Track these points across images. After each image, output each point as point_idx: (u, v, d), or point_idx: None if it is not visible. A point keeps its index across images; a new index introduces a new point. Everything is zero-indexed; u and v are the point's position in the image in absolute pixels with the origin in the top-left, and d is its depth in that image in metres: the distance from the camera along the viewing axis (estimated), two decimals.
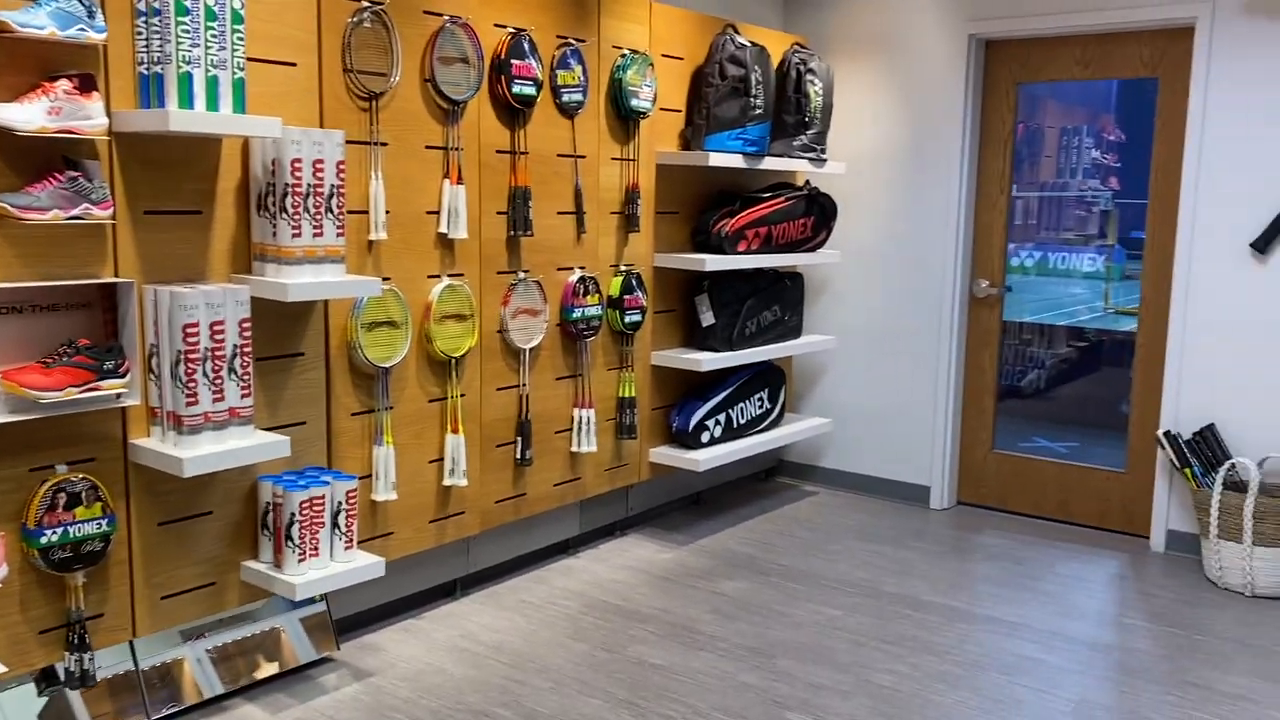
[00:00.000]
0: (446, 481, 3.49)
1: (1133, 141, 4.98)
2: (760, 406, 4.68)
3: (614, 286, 4.04)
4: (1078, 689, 3.13)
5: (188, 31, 2.49)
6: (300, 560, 2.90)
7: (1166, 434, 4.19)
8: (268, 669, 3.02)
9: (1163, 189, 4.37)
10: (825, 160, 4.68)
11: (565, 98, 3.75)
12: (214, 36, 2.54)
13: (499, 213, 3.60)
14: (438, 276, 3.42)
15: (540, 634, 3.43)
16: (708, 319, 4.36)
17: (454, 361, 3.48)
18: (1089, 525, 4.67)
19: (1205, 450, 4.13)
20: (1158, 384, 4.43)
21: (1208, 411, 4.21)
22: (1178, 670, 3.26)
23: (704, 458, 4.26)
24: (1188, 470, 4.09)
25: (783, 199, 4.50)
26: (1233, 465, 4.00)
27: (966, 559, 4.23)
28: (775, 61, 4.53)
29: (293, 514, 2.86)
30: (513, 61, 3.50)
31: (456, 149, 3.41)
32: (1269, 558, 3.84)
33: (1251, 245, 4.06)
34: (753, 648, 3.37)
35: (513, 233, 3.63)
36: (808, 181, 4.75)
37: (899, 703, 3.04)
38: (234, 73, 2.60)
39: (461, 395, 3.53)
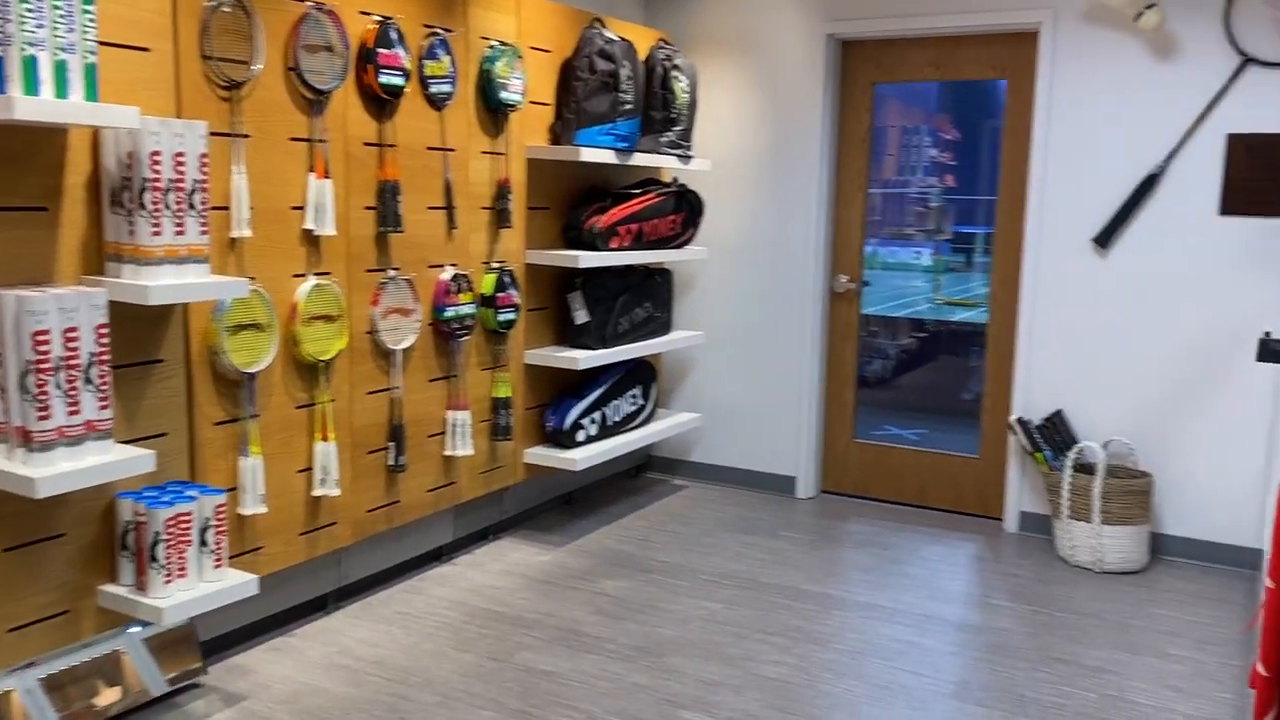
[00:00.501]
0: (317, 491, 3.32)
1: (967, 140, 5.21)
2: (634, 404, 4.67)
3: (487, 284, 3.94)
4: (955, 671, 3.24)
5: (32, 10, 2.27)
6: (166, 582, 2.70)
7: (1019, 420, 4.40)
8: (116, 698, 2.80)
9: (1011, 186, 4.58)
10: (691, 157, 4.69)
11: (434, 89, 3.62)
12: (61, 17, 2.33)
13: (367, 208, 3.45)
14: (304, 276, 3.25)
15: (422, 646, 3.31)
16: (581, 316, 4.31)
17: (323, 365, 3.31)
18: (946, 509, 4.86)
19: (1055, 435, 4.35)
20: (1008, 373, 4.64)
21: (1056, 398, 4.44)
22: (1043, 647, 3.42)
23: (581, 457, 4.21)
24: (1039, 455, 4.30)
25: (653, 195, 4.49)
26: (1081, 449, 4.22)
27: (837, 547, 4.32)
28: (642, 57, 4.51)
29: (157, 533, 2.66)
30: (380, 50, 3.36)
31: (322, 141, 3.25)
32: (1116, 535, 4.07)
33: (1094, 240, 4.29)
34: (641, 647, 3.35)
35: (382, 229, 3.49)
36: (675, 178, 4.75)
37: (790, 694, 3.07)
38: (84, 57, 2.38)
39: (331, 400, 3.36)
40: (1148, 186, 4.18)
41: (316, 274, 3.28)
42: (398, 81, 3.43)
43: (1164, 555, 4.30)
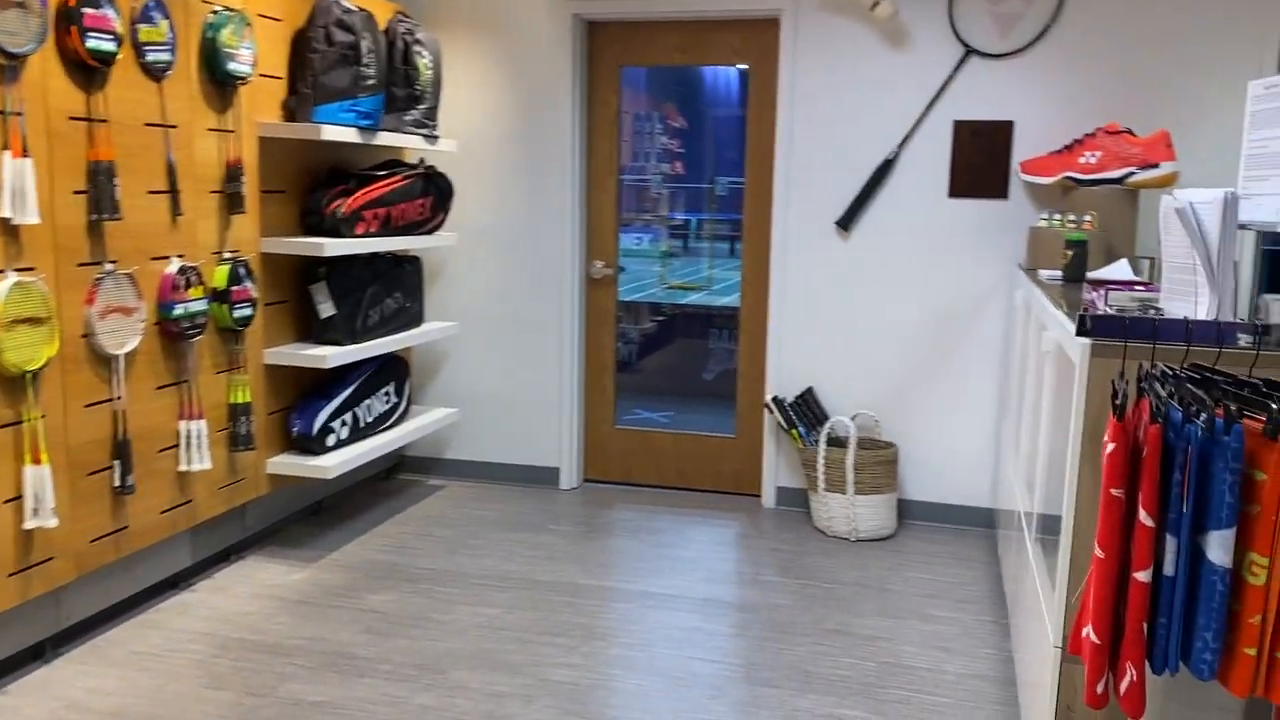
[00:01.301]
0: (29, 524, 2.84)
1: (709, 127, 5.28)
2: (387, 401, 4.37)
3: (219, 277, 3.53)
4: (742, 653, 3.24)
5: None
6: None
7: (774, 399, 4.50)
8: None
9: (758, 172, 4.67)
10: (438, 137, 4.45)
11: (150, 57, 3.18)
12: None
13: (77, 192, 2.98)
14: (2, 272, 2.75)
15: (169, 689, 2.92)
16: (327, 310, 3.97)
17: (30, 376, 2.83)
18: (706, 490, 4.91)
19: (807, 412, 4.49)
20: (762, 353, 4.75)
21: (807, 376, 4.58)
22: (818, 620, 3.49)
23: (333, 463, 3.89)
24: (795, 431, 4.42)
25: (400, 177, 4.21)
26: (832, 424, 4.37)
27: (607, 537, 4.25)
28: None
29: None
30: (85, 10, 2.90)
31: (18, 114, 2.76)
32: (869, 505, 4.25)
33: (837, 223, 4.45)
34: (419, 664, 3.12)
35: (95, 216, 3.03)
36: (422, 160, 4.49)
37: (583, 697, 2.95)
38: None
39: (42, 416, 2.88)
40: (884, 171, 4.38)
41: (17, 270, 2.79)
42: (108, 47, 2.98)
43: (909, 520, 4.55)
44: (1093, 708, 1.65)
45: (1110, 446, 1.59)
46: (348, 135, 3.83)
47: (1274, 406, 1.47)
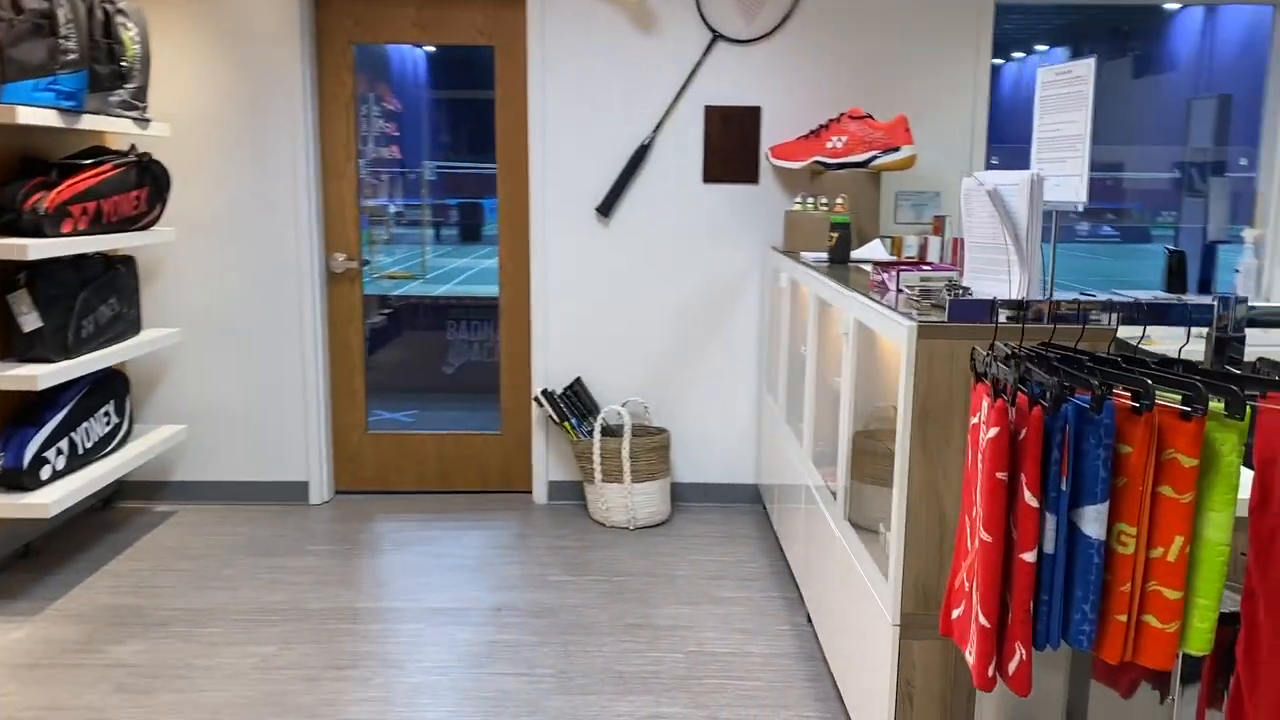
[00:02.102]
0: None
1: (410, 110, 5.03)
2: (107, 423, 3.83)
3: None
4: (550, 661, 3.10)
5: None
6: None
7: (544, 392, 4.37)
8: None
9: (511, 156, 4.49)
10: (149, 120, 3.93)
11: None
12: None
13: None
14: None
15: None
16: (32, 322, 3.40)
17: None
18: (473, 490, 4.71)
19: (578, 403, 4.39)
20: (525, 345, 4.59)
21: (574, 366, 4.48)
22: (618, 616, 3.42)
23: (52, 498, 3.35)
24: (567, 424, 4.32)
25: (110, 167, 3.68)
26: (604, 414, 4.31)
27: (376, 552, 3.96)
28: None
29: None
30: None
31: None
32: (646, 492, 4.23)
33: (597, 209, 4.37)
34: None
35: None
36: (133, 146, 3.95)
37: None
38: None
39: None
40: (640, 156, 4.34)
41: None
42: None
43: (681, 503, 4.57)
44: (983, 690, 1.66)
45: (993, 431, 1.60)
46: (47, 118, 3.29)
47: (1148, 381, 1.53)
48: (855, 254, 3.75)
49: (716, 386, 4.50)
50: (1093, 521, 1.60)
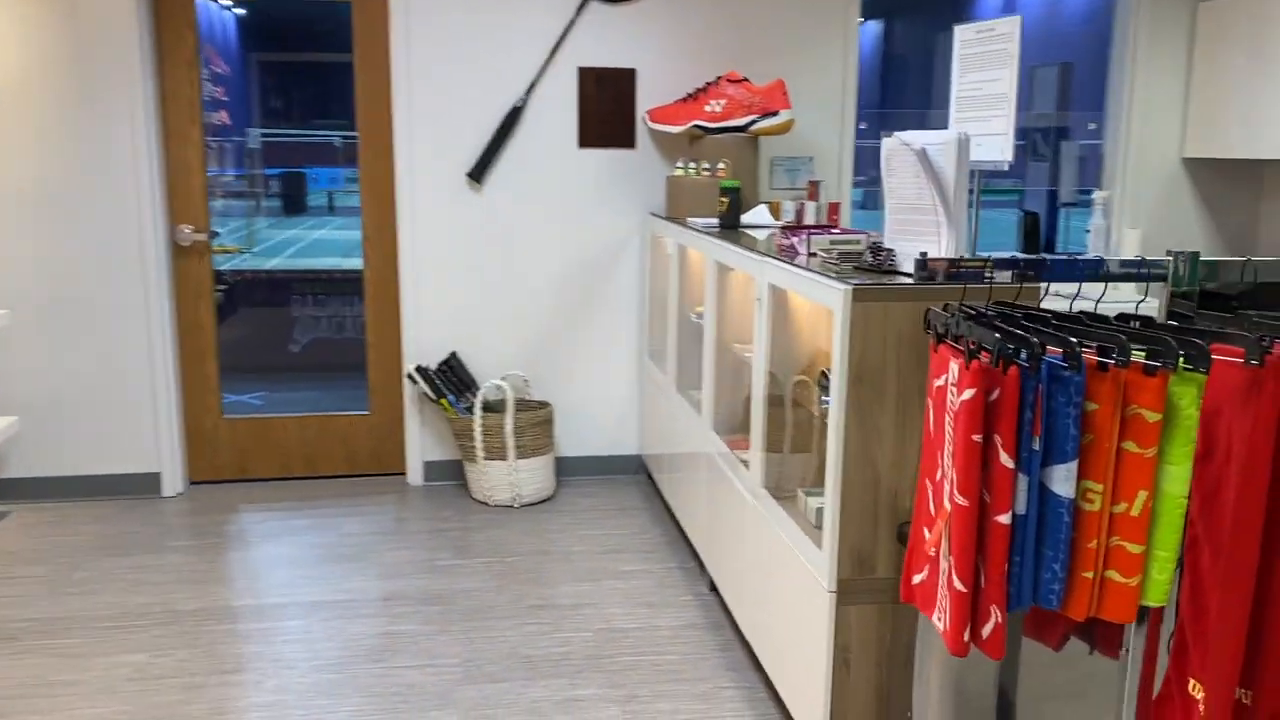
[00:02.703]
0: None
1: (238, 74, 4.72)
2: None
3: None
4: (453, 650, 2.96)
5: None
6: None
7: (418, 368, 4.17)
8: None
9: (373, 120, 4.24)
10: None
11: None
12: None
13: None
14: None
15: None
16: None
17: None
18: (341, 475, 4.47)
19: (454, 379, 4.22)
20: (395, 319, 4.37)
21: (449, 341, 4.29)
22: (517, 598, 3.30)
23: None
24: (444, 401, 4.14)
25: None
26: (484, 389, 4.15)
27: (245, 545, 3.70)
28: None
29: None
30: None
31: None
32: (530, 468, 4.10)
33: (468, 175, 4.18)
34: None
35: None
36: None
37: None
38: None
39: None
40: (513, 120, 4.18)
41: None
42: None
43: (564, 477, 4.47)
44: (958, 655, 1.65)
45: (968, 393, 1.57)
46: None
47: (1123, 337, 1.52)
48: (745, 218, 3.72)
49: (598, 357, 4.40)
50: (1063, 480, 1.60)
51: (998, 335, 1.52)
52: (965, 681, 2.07)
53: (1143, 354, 1.56)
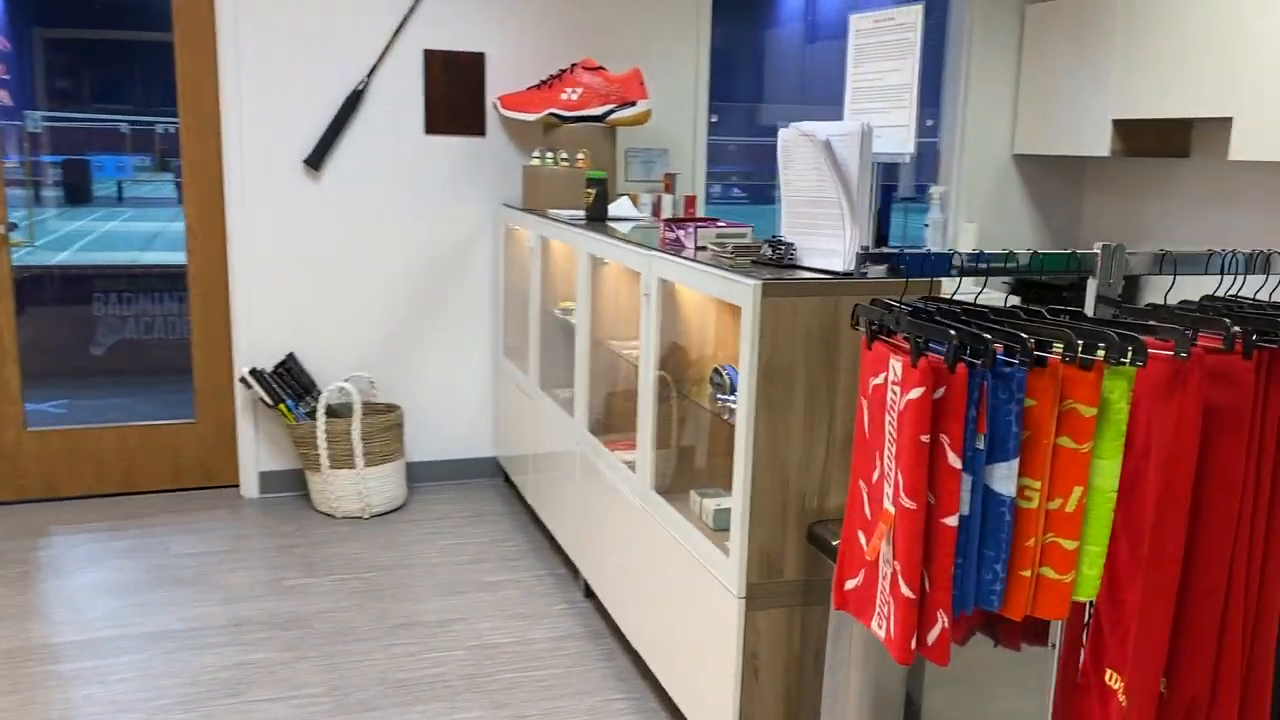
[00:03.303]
0: None
1: (21, 51, 4.27)
2: None
3: None
4: (316, 678, 2.72)
5: None
6: None
7: (253, 371, 3.86)
8: None
9: (198, 104, 3.88)
10: None
11: None
12: None
13: None
14: None
15: None
16: None
17: None
18: (164, 490, 4.09)
19: (292, 382, 3.92)
20: (224, 318, 4.02)
21: (285, 341, 3.99)
22: (380, 616, 3.08)
23: None
24: (283, 406, 3.84)
25: None
26: (327, 392, 3.88)
27: (63, 573, 3.31)
28: None
29: None
30: None
31: None
32: (380, 475, 3.86)
33: (306, 162, 3.89)
34: None
35: None
36: None
37: None
38: None
39: None
40: (354, 104, 3.91)
41: None
42: None
43: (415, 484, 4.24)
44: (904, 664, 1.59)
45: (916, 392, 1.51)
46: None
47: (1072, 335, 1.50)
48: (611, 209, 3.61)
49: (449, 355, 4.19)
50: (1004, 479, 1.56)
51: (953, 332, 1.46)
52: (880, 684, 2.04)
53: (1088, 350, 1.54)
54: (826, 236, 2.16)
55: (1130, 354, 1.50)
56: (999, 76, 4.71)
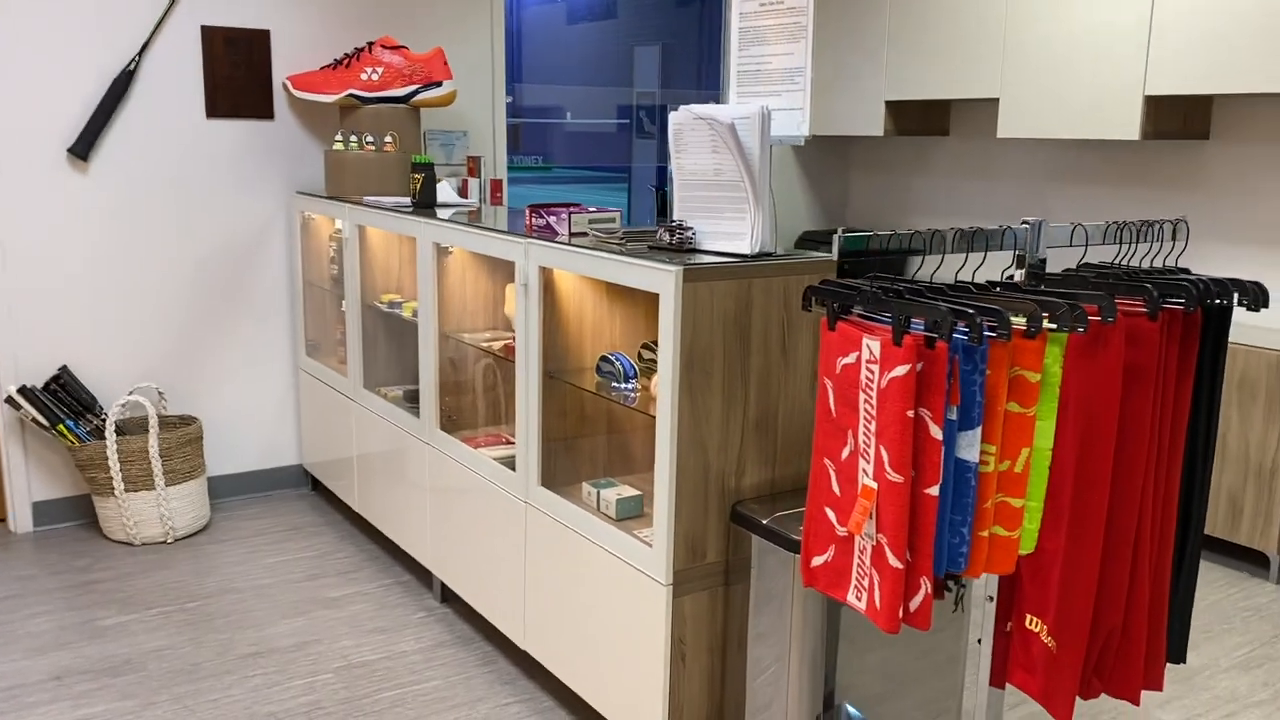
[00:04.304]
0: None
1: None
2: None
3: None
4: None
5: None
6: None
7: (21, 390, 3.39)
8: None
9: None
10: None
11: None
12: None
13: None
14: None
15: None
16: None
17: None
18: None
19: (69, 400, 3.48)
20: None
21: (57, 353, 3.53)
22: (223, 649, 2.81)
23: None
24: (62, 427, 3.40)
25: None
26: (113, 408, 3.47)
27: None
28: None
29: None
30: None
31: None
32: (183, 495, 3.52)
33: (71, 150, 3.45)
34: None
35: None
36: None
37: None
38: None
39: None
40: (123, 86, 3.51)
41: None
42: None
43: (217, 501, 3.89)
44: (892, 633, 1.63)
45: (901, 369, 1.55)
46: None
47: (1036, 308, 1.59)
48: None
49: (244, 358, 3.87)
50: (968, 446, 1.64)
51: (946, 308, 1.52)
52: (814, 652, 2.10)
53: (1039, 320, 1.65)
54: (729, 220, 2.18)
55: (1074, 321, 1.61)
56: None
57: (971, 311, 1.53)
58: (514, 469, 2.60)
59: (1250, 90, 3.31)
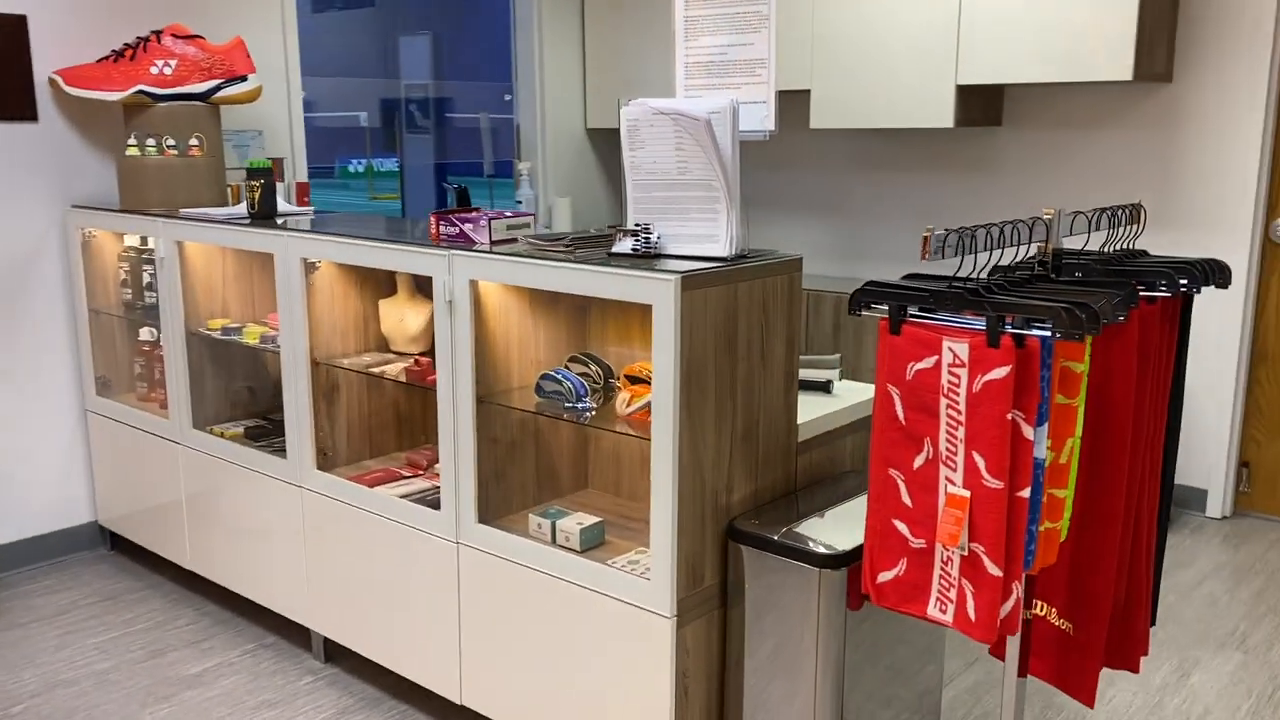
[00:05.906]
0: None
1: None
2: None
3: None
4: None
5: None
6: None
7: None
8: None
9: None
10: None
11: None
12: None
13: None
14: None
15: None
16: None
17: None
18: None
19: None
20: None
21: None
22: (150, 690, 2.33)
23: None
24: None
25: None
26: None
27: None
28: None
29: None
30: None
31: None
32: None
33: None
34: None
35: None
36: None
37: None
38: None
39: None
40: None
41: None
42: None
43: None
44: (988, 642, 1.57)
45: (1001, 371, 1.49)
46: None
47: (1109, 300, 1.58)
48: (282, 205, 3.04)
49: (17, 404, 3.25)
50: (1040, 443, 1.62)
51: (1062, 307, 1.47)
52: (836, 663, 2.02)
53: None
54: (698, 221, 2.04)
55: (1117, 311, 1.63)
56: (567, 51, 4.78)
57: (1080, 315, 1.50)
58: (434, 506, 2.34)
59: (1036, 80, 3.57)
